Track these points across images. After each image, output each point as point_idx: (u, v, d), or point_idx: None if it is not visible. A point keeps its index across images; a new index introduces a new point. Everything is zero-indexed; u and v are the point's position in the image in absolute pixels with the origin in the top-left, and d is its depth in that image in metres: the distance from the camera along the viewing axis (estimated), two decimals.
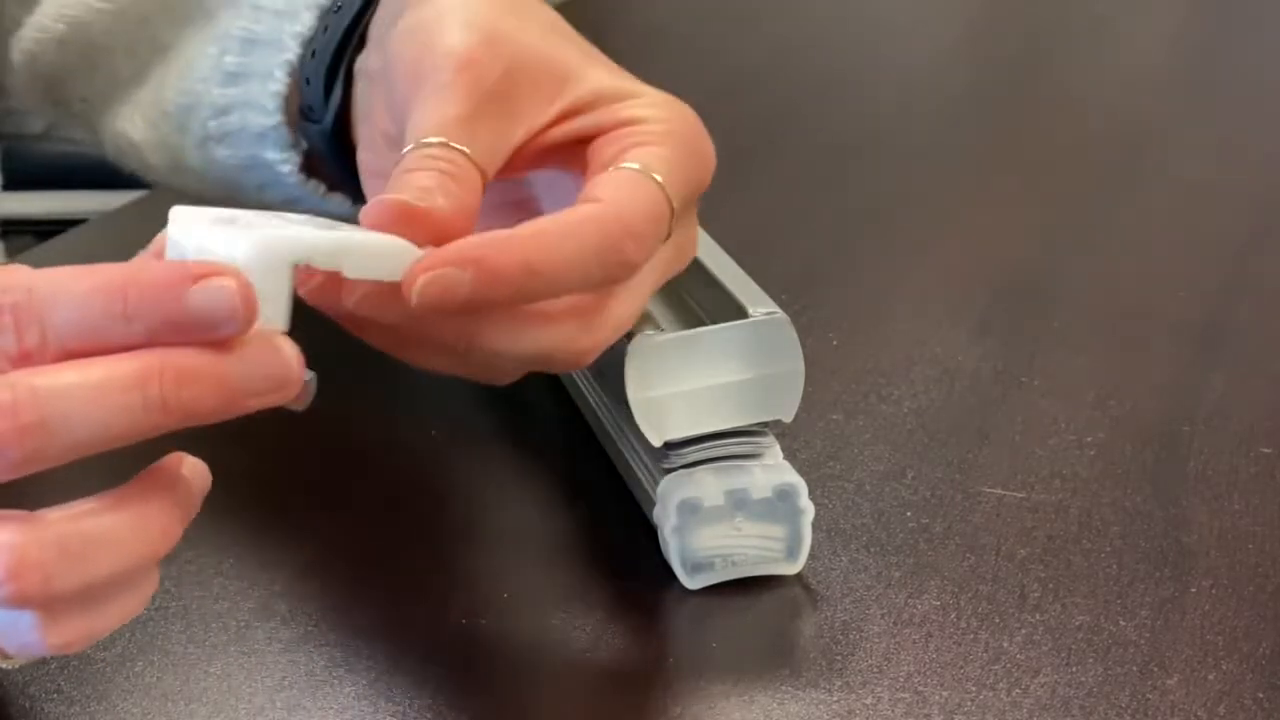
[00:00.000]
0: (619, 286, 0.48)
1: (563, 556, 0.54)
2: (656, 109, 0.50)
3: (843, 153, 0.93)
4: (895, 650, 0.49)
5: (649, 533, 0.53)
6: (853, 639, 0.50)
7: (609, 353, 0.53)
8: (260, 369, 0.40)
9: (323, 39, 0.59)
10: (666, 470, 0.52)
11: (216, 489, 0.46)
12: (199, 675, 0.48)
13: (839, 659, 0.49)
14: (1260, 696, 0.47)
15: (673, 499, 0.51)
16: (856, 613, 0.51)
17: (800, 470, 0.52)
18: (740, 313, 0.52)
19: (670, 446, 0.52)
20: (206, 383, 0.40)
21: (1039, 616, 0.51)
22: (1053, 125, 1.00)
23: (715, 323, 0.52)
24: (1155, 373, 0.67)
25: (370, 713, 0.47)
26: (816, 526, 0.52)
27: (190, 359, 0.40)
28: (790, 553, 0.52)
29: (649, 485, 0.53)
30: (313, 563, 0.54)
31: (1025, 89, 1.07)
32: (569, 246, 0.45)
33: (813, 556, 0.53)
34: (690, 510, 0.51)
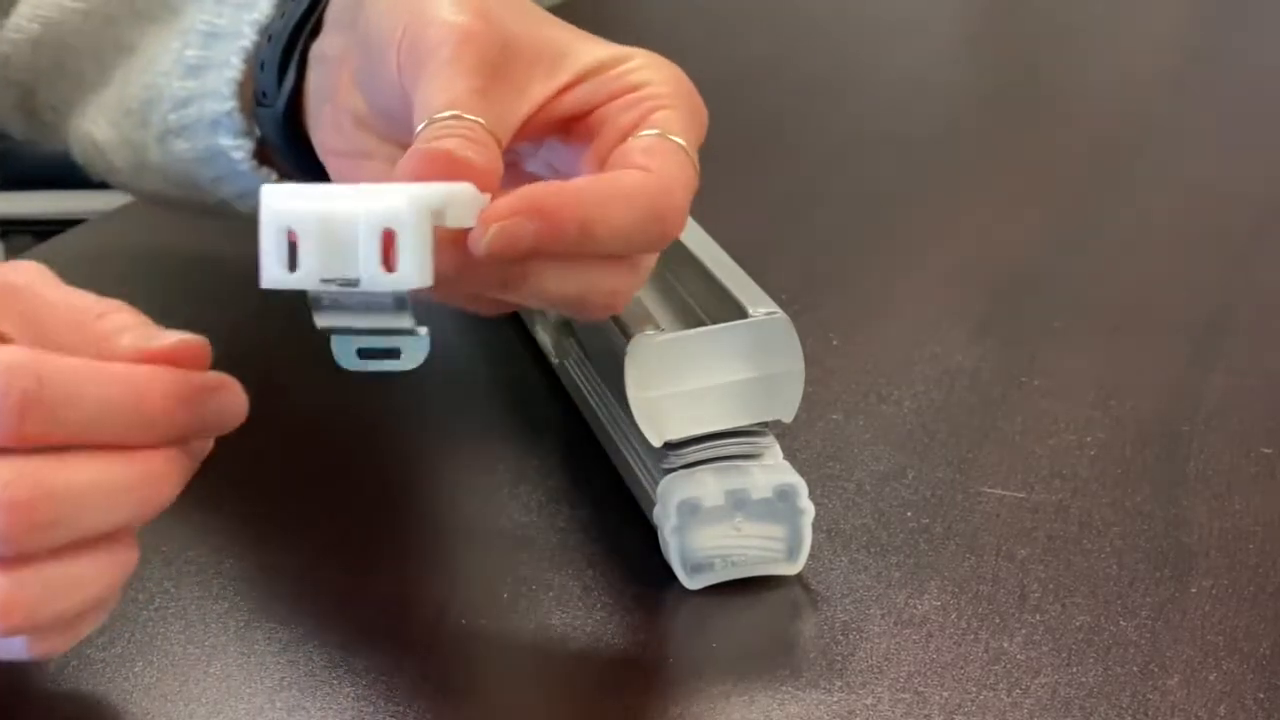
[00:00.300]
0: None
1: (563, 556, 0.54)
2: (655, 70, 0.51)
3: (842, 153, 0.94)
4: (895, 650, 0.49)
5: (649, 533, 0.53)
6: (853, 639, 0.50)
7: (609, 353, 0.53)
8: (222, 430, 0.45)
9: (279, 24, 0.61)
10: (666, 470, 0.52)
11: (216, 489, 0.46)
12: (199, 675, 0.48)
13: (839, 659, 0.49)
14: (1261, 697, 0.47)
15: (673, 499, 0.51)
16: (856, 613, 0.51)
17: (800, 470, 0.52)
18: (740, 313, 0.52)
19: (670, 446, 0.52)
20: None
21: (1039, 616, 0.51)
22: (1053, 125, 1.00)
23: (715, 323, 0.52)
24: (1155, 373, 0.67)
25: (370, 713, 0.47)
26: (816, 527, 0.52)
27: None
28: (790, 553, 0.52)
29: (649, 485, 0.53)
30: (312, 563, 0.54)
31: (1025, 89, 1.07)
32: (623, 212, 0.46)
33: (813, 557, 0.53)
34: (690, 510, 0.51)
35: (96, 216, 0.88)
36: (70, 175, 0.72)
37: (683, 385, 0.51)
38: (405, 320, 0.42)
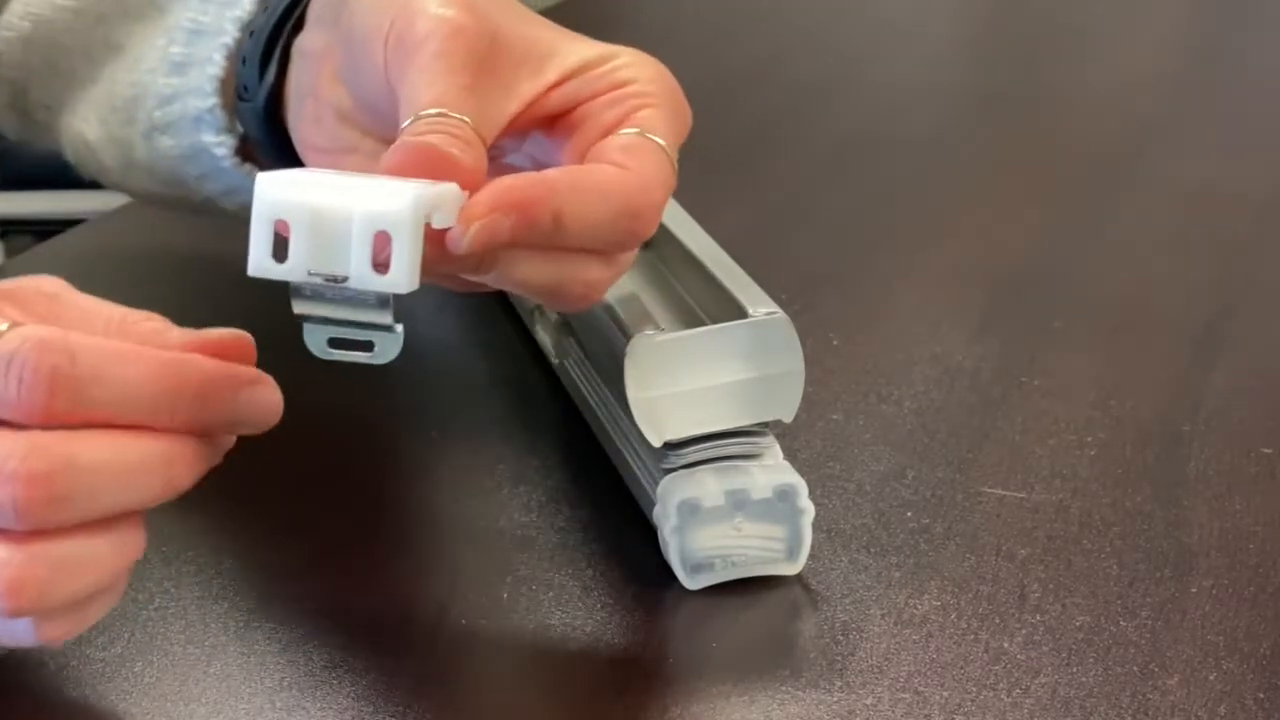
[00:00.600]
0: None
1: (563, 556, 0.54)
2: (640, 67, 0.51)
3: (842, 153, 0.94)
4: (895, 650, 0.49)
5: (649, 533, 0.53)
6: (853, 639, 0.50)
7: (609, 353, 0.53)
8: (253, 429, 0.45)
9: (261, 19, 0.61)
10: (666, 470, 0.52)
11: (216, 489, 0.46)
12: (199, 675, 0.48)
13: (839, 659, 0.49)
14: (1261, 697, 0.47)
15: (673, 499, 0.51)
16: (856, 613, 0.51)
17: (800, 470, 0.52)
18: (740, 313, 0.52)
19: (670, 446, 0.52)
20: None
21: (1039, 616, 0.51)
22: (1053, 125, 1.00)
23: (715, 323, 0.52)
24: (1155, 373, 0.67)
25: (370, 713, 0.47)
26: (816, 527, 0.52)
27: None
28: (790, 553, 0.52)
29: (649, 485, 0.53)
30: (312, 563, 0.54)
31: (1025, 89, 1.07)
32: (596, 204, 0.47)
33: (813, 557, 0.53)
34: (690, 510, 0.51)
35: (96, 216, 0.88)
36: (69, 175, 0.72)
37: (683, 385, 0.51)
38: (385, 317, 0.43)
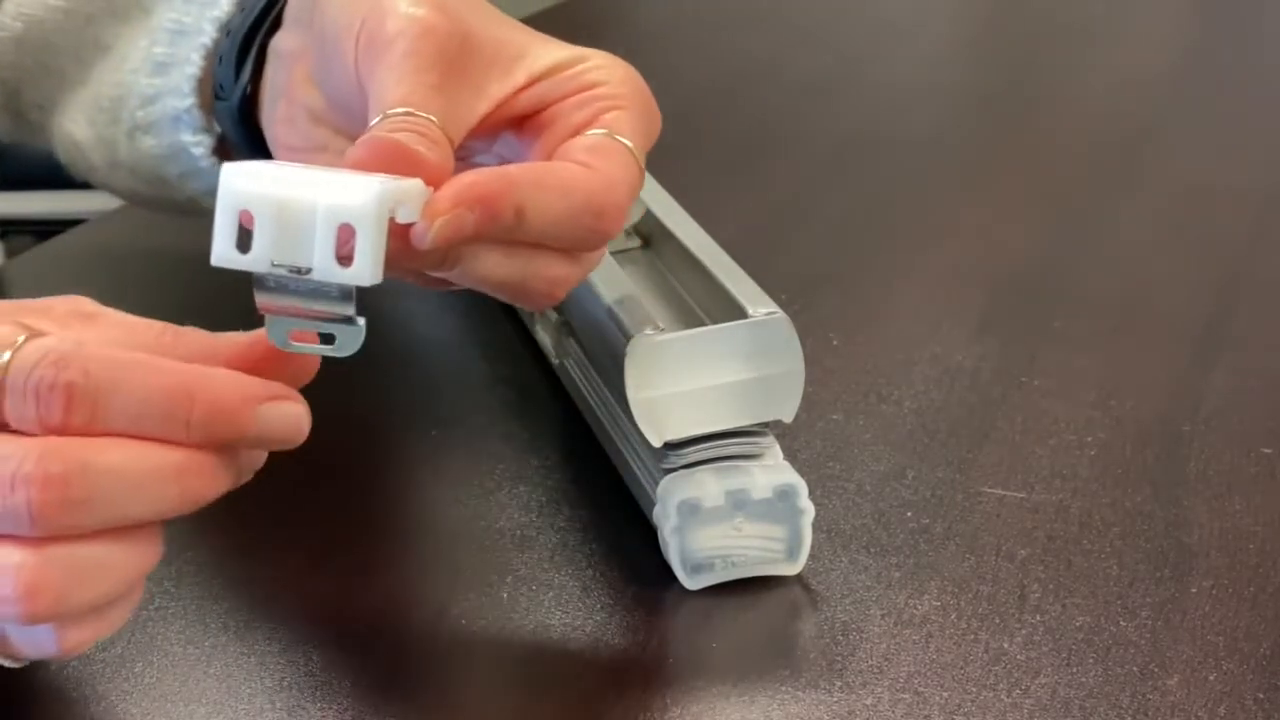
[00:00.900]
0: None
1: (563, 556, 0.54)
2: (610, 70, 0.51)
3: (842, 153, 0.93)
4: (895, 650, 0.49)
5: (649, 533, 0.53)
6: (853, 639, 0.50)
7: (609, 353, 0.53)
8: (276, 444, 0.44)
9: (238, 19, 0.61)
10: (666, 470, 0.52)
11: None
12: (199, 675, 0.48)
13: (839, 659, 0.49)
14: (1261, 697, 0.47)
15: (673, 499, 0.51)
16: (856, 613, 0.51)
17: (800, 470, 0.52)
18: (740, 313, 0.52)
19: (670, 446, 0.52)
20: (229, 477, 0.43)
21: (1039, 617, 0.51)
22: (1053, 125, 1.00)
23: (715, 323, 0.52)
24: (1155, 373, 0.67)
25: (370, 713, 0.47)
26: (816, 527, 0.52)
27: (229, 463, 0.43)
28: (790, 553, 0.52)
29: (649, 485, 0.53)
30: (312, 563, 0.54)
31: (1025, 89, 1.07)
32: (557, 200, 0.47)
33: (813, 557, 0.53)
34: (690, 510, 0.51)
35: (96, 216, 0.88)
36: (69, 175, 0.72)
37: (682, 385, 0.51)
38: (348, 309, 0.43)
